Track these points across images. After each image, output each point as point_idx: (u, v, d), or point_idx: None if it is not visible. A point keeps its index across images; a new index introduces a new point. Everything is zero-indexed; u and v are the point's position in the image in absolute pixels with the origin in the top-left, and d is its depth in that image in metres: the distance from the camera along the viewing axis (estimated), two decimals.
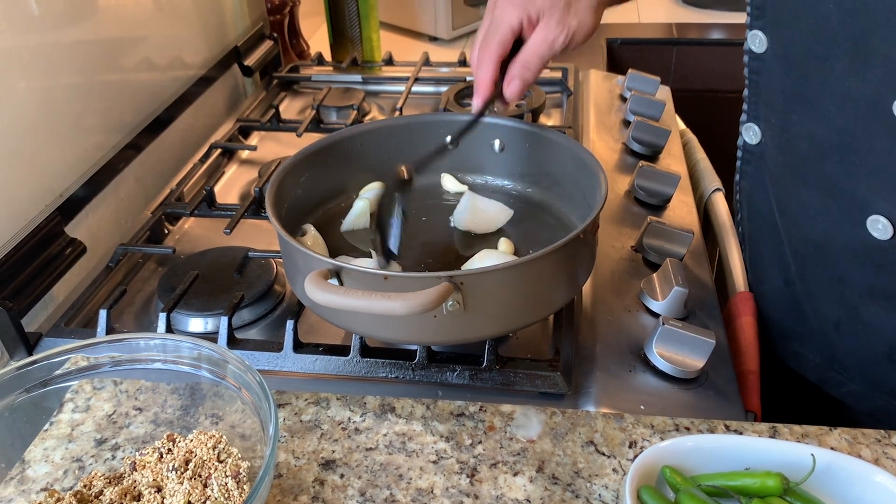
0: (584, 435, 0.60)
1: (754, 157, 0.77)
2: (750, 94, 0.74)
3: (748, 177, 0.79)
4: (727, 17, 1.60)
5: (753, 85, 0.73)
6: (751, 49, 0.71)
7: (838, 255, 0.69)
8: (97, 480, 0.54)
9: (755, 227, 0.81)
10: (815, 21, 0.62)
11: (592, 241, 0.69)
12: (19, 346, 0.72)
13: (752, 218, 0.81)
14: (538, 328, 0.73)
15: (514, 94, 0.72)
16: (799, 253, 0.74)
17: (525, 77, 0.71)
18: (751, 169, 0.78)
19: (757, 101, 0.74)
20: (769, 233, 0.77)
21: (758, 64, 0.71)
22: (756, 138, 0.75)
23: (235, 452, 0.55)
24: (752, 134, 0.75)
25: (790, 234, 0.74)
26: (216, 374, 0.57)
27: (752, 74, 0.73)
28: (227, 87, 1.25)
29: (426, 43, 1.55)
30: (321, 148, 0.78)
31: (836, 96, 0.63)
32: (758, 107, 0.74)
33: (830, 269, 0.70)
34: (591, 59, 1.40)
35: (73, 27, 0.86)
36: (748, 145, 0.77)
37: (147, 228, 0.88)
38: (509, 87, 0.71)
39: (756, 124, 0.75)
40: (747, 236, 0.84)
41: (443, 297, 0.55)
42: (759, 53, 0.70)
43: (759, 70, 0.72)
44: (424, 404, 0.63)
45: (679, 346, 0.66)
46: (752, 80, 0.73)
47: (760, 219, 0.79)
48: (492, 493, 0.55)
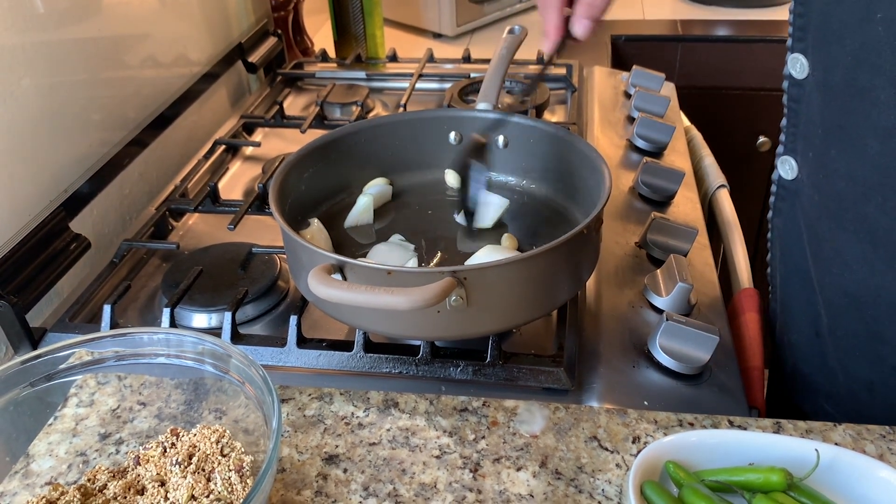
0: (587, 430, 0.60)
1: (789, 194, 0.71)
2: (788, 125, 0.69)
3: (782, 214, 0.73)
4: (732, 14, 1.60)
5: (792, 114, 0.67)
6: (791, 74, 0.66)
7: (877, 310, 0.63)
8: (101, 474, 0.55)
9: (786, 271, 0.75)
10: (861, 45, 0.56)
11: (596, 236, 0.69)
12: (24, 341, 0.72)
13: (784, 260, 0.75)
14: (542, 324, 0.73)
15: (584, 33, 0.70)
16: (832, 304, 0.67)
17: (593, 15, 0.69)
18: (785, 206, 0.72)
19: (795, 133, 0.68)
20: (801, 279, 0.72)
21: (797, 91, 0.66)
22: (792, 173, 0.69)
23: (239, 447, 0.55)
24: (787, 168, 0.70)
25: (823, 283, 0.68)
26: (220, 368, 0.57)
27: (790, 102, 0.67)
28: (231, 84, 1.25)
29: (430, 40, 1.55)
30: (324, 144, 0.78)
31: (880, 132, 0.57)
32: (795, 139, 0.68)
33: (867, 324, 0.64)
34: (596, 56, 1.40)
35: (77, 25, 0.86)
36: (783, 180, 0.71)
37: (151, 224, 0.88)
38: (578, 25, 0.69)
39: (793, 158, 0.69)
40: (778, 279, 0.78)
41: (446, 293, 0.55)
42: (800, 80, 0.64)
43: (798, 98, 0.66)
44: (428, 399, 0.63)
45: (683, 342, 0.66)
46: (791, 108, 0.67)
47: (792, 263, 0.73)
48: (495, 487, 0.55)
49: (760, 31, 1.53)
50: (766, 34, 1.51)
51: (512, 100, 1.14)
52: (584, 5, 0.69)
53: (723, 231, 0.94)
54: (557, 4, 0.70)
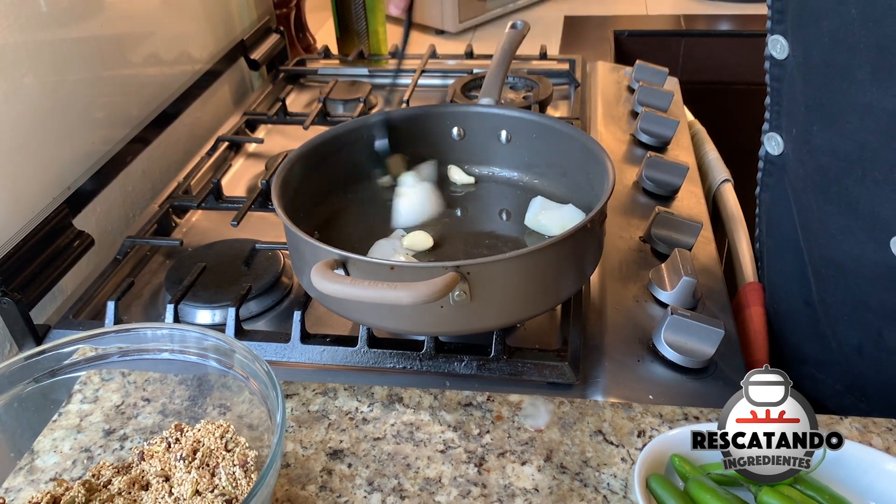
0: (592, 424, 0.60)
1: (776, 169, 0.73)
2: (772, 103, 0.71)
3: (769, 189, 0.76)
4: (735, 9, 1.59)
5: (775, 93, 0.70)
6: (772, 55, 0.68)
7: (861, 277, 0.65)
8: (105, 470, 0.55)
9: (775, 243, 0.78)
10: (837, 26, 0.58)
11: (600, 230, 0.68)
12: (28, 338, 0.72)
13: (772, 233, 0.78)
14: (546, 318, 0.73)
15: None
16: (820, 273, 0.69)
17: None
18: (772, 181, 0.74)
19: (779, 111, 0.70)
20: (790, 250, 0.73)
21: (779, 71, 0.68)
22: (778, 149, 0.71)
23: (243, 442, 0.55)
24: (774, 144, 0.72)
25: (812, 252, 0.70)
26: (223, 363, 0.57)
27: (773, 82, 0.69)
28: (234, 81, 1.25)
29: (433, 36, 1.54)
30: (327, 140, 0.78)
31: (859, 108, 0.59)
32: (779, 116, 0.70)
33: (853, 292, 0.66)
34: (599, 51, 1.40)
35: (80, 23, 0.86)
36: (770, 156, 0.73)
37: (155, 221, 0.88)
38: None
39: (778, 134, 0.71)
40: (766, 252, 0.80)
41: (449, 287, 0.55)
42: (780, 60, 0.67)
43: (780, 77, 0.68)
44: (432, 394, 0.63)
45: (688, 336, 0.66)
46: (774, 87, 0.70)
47: (781, 235, 0.75)
48: (500, 482, 0.55)
49: (763, 25, 1.52)
50: None
51: (514, 95, 1.14)
52: None
53: (727, 225, 0.93)
54: None
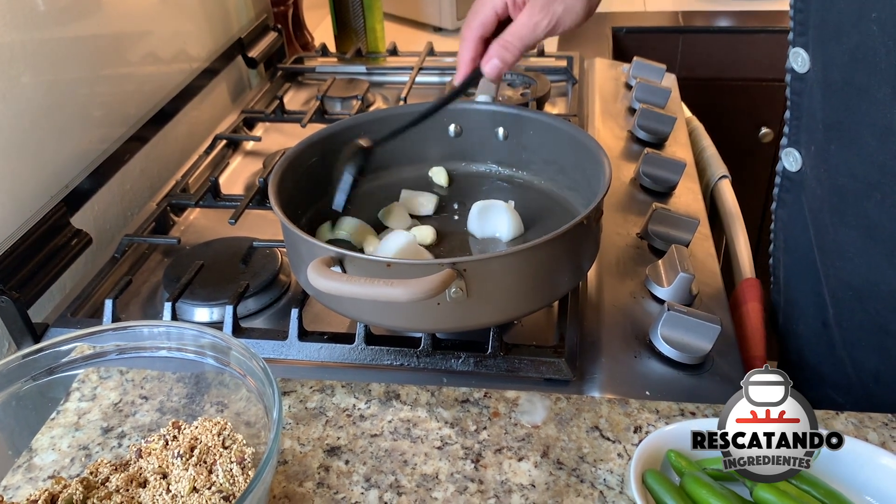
0: (588, 420, 0.60)
1: (794, 186, 0.71)
2: (791, 118, 0.68)
3: (786, 206, 0.73)
4: (733, 6, 1.59)
5: (795, 107, 0.67)
6: (793, 68, 0.65)
7: (879, 303, 0.63)
8: (103, 467, 0.55)
9: (791, 262, 0.75)
10: (858, 43, 0.56)
11: (596, 227, 0.69)
12: (26, 336, 0.72)
13: (789, 251, 0.75)
14: (543, 315, 0.73)
15: (492, 73, 0.72)
16: (837, 296, 0.68)
17: (504, 57, 0.70)
18: (790, 198, 0.72)
19: (798, 125, 0.68)
20: (807, 270, 0.71)
21: (799, 85, 0.65)
22: (796, 165, 0.69)
23: (240, 439, 0.55)
24: (792, 160, 0.69)
25: (828, 274, 0.68)
26: (221, 361, 0.57)
27: (793, 96, 0.67)
28: (232, 79, 1.25)
29: (430, 33, 1.54)
30: (324, 137, 0.78)
31: (878, 129, 0.57)
32: (798, 131, 0.68)
33: (871, 316, 0.65)
34: (597, 48, 1.40)
35: (77, 21, 0.86)
36: (787, 172, 0.71)
37: (152, 219, 0.88)
38: (487, 65, 0.71)
39: (797, 150, 0.69)
40: (782, 269, 0.78)
41: (445, 284, 0.55)
42: (802, 74, 0.64)
43: (800, 91, 0.66)
44: (429, 391, 0.63)
45: (685, 332, 0.66)
46: (794, 101, 0.67)
47: (798, 254, 0.73)
48: (497, 478, 0.55)
49: (762, 21, 1.52)
50: (767, 25, 1.50)
51: (512, 92, 1.14)
52: (498, 46, 0.70)
53: (725, 221, 0.93)
54: (474, 39, 0.72)
